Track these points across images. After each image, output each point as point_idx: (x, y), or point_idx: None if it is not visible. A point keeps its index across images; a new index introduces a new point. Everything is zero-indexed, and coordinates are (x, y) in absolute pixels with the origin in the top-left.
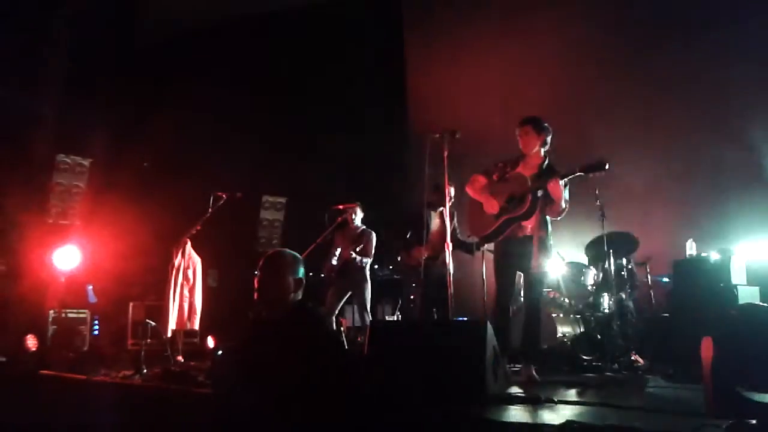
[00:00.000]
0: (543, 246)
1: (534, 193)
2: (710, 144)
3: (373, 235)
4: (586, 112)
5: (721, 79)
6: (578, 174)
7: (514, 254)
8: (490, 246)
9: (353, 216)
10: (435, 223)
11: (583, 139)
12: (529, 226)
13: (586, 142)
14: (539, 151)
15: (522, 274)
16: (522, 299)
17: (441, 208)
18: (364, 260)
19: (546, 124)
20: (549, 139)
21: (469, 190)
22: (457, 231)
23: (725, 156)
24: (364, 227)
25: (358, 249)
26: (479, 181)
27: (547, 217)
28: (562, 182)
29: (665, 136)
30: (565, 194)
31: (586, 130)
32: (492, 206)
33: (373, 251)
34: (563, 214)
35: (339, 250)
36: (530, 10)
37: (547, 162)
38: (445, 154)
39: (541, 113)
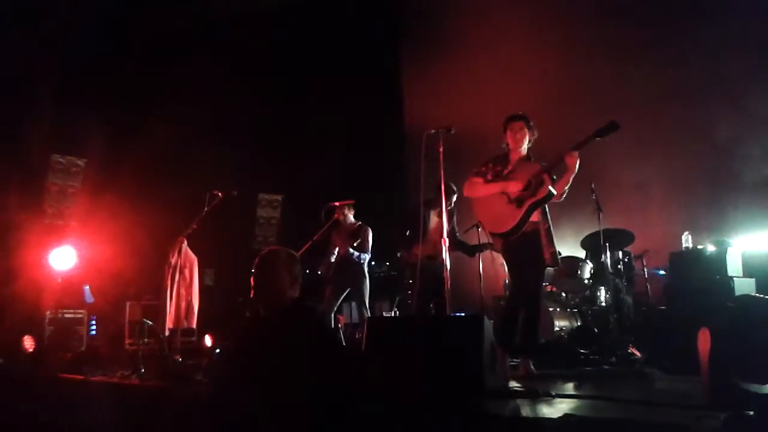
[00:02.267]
0: (550, 236)
1: (549, 173)
2: (706, 137)
3: (370, 230)
4: (583, 107)
5: (718, 74)
6: (595, 139)
7: (527, 249)
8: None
9: (344, 214)
10: (434, 221)
11: (579, 135)
12: (532, 218)
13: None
14: (525, 146)
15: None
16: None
17: (439, 207)
18: (363, 256)
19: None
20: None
21: (468, 194)
22: (456, 231)
23: (721, 149)
24: (360, 223)
25: (355, 244)
26: (477, 181)
27: (546, 208)
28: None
29: (662, 130)
30: None
31: (582, 125)
32: (515, 186)
33: (370, 246)
34: (565, 195)
35: (337, 249)
36: (526, 5)
37: (531, 157)
38: (441, 150)
39: (537, 109)
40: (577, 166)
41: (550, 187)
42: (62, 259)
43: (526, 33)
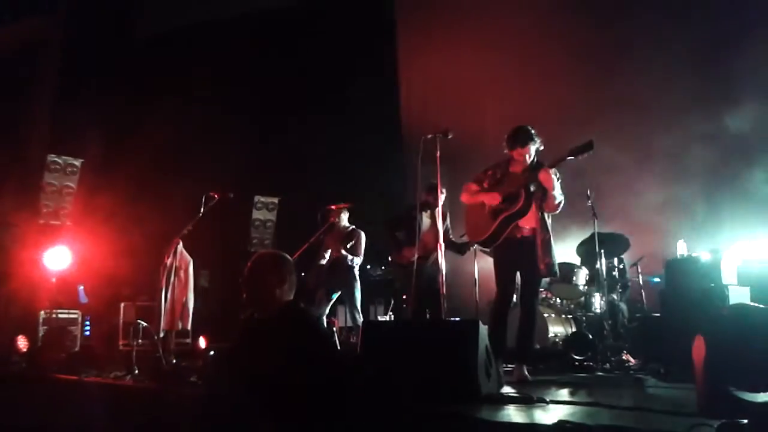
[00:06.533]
0: (548, 247)
1: (527, 188)
2: (701, 144)
3: (363, 234)
4: (579, 112)
5: (711, 78)
6: (568, 158)
7: (515, 257)
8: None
9: (339, 217)
10: (425, 223)
11: (576, 139)
12: (527, 226)
13: (580, 142)
14: (531, 156)
15: (519, 275)
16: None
17: (431, 209)
18: (355, 260)
19: None
20: None
21: (464, 199)
22: (449, 232)
23: (716, 156)
24: (353, 227)
25: (348, 246)
26: (472, 188)
27: (547, 218)
28: (552, 171)
29: (656, 136)
30: (558, 186)
31: (578, 130)
32: (493, 198)
33: (363, 251)
34: (560, 208)
35: (329, 251)
36: (525, 9)
37: (536, 159)
38: (438, 154)
39: (534, 114)
40: (555, 183)
41: (524, 201)
42: (57, 259)
43: (526, 37)
